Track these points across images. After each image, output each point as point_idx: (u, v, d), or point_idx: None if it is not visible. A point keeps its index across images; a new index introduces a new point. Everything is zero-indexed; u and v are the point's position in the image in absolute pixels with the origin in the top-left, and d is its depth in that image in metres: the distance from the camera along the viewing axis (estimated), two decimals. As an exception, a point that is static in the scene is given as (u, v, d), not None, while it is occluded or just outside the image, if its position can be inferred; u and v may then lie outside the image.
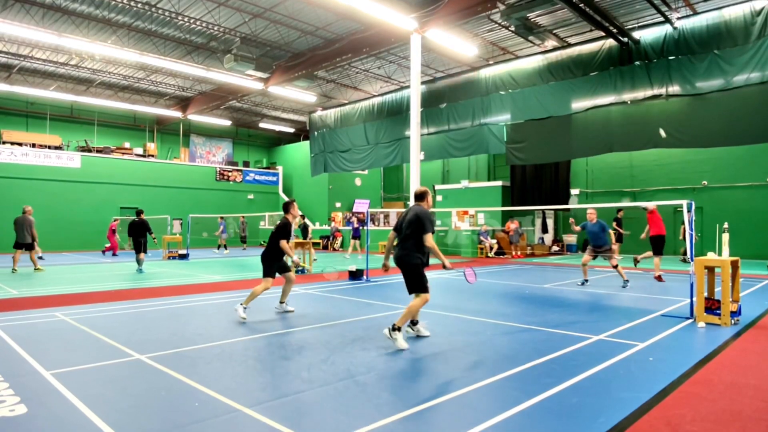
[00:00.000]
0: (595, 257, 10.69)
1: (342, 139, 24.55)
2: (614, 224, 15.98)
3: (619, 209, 17.08)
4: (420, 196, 5.72)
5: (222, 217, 23.89)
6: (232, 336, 5.90)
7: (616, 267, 10.24)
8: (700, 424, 3.33)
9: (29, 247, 13.62)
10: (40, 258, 16.88)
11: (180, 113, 27.93)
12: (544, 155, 18.19)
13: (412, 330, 5.92)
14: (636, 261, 13.12)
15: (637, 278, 12.05)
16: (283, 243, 7.04)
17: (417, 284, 5.45)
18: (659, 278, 11.29)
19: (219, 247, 23.20)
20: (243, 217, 25.54)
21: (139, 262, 13.71)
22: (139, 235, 13.65)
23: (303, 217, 19.49)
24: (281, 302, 7.60)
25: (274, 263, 7.22)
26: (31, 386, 4.04)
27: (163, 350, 5.20)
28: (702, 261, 6.82)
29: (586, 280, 10.97)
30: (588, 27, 15.75)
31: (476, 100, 18.96)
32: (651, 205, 11.17)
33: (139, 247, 13.62)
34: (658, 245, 11.27)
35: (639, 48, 15.01)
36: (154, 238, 14.21)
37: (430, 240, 5.33)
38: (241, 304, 6.89)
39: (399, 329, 5.32)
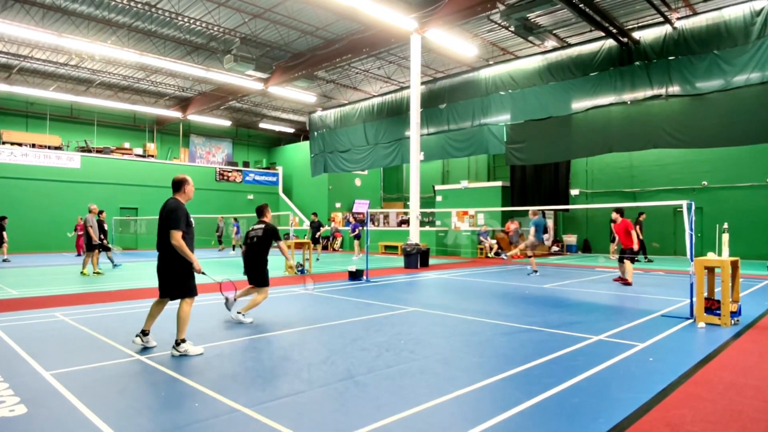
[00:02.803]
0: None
1: (342, 139, 24.55)
2: (637, 228, 15.94)
3: (640, 212, 16.88)
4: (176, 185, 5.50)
5: (236, 218, 23.80)
6: (231, 336, 5.90)
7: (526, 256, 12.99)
8: (700, 424, 3.33)
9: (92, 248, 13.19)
10: (6, 261, 16.69)
11: (180, 113, 27.94)
12: (544, 155, 18.19)
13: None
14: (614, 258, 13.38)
15: (638, 277, 12.05)
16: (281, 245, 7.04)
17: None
18: (624, 281, 10.96)
19: (234, 247, 23.05)
20: (221, 217, 25.63)
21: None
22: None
23: (315, 215, 19.52)
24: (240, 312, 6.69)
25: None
26: (31, 386, 4.03)
27: (162, 350, 5.20)
28: (702, 261, 6.82)
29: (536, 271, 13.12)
30: (588, 27, 15.76)
31: (476, 100, 18.97)
32: (616, 215, 11.06)
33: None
34: (626, 254, 10.93)
35: (639, 48, 15.02)
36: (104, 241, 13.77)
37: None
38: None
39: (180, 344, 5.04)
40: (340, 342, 5.63)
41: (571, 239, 22.92)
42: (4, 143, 23.29)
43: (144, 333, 5.35)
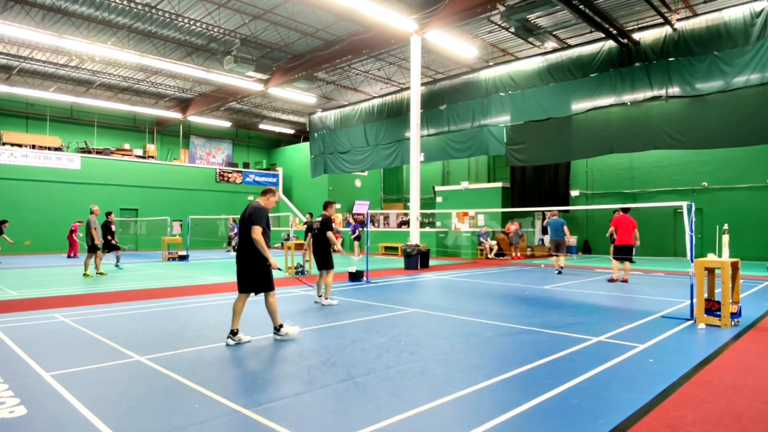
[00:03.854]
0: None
1: (342, 140, 24.56)
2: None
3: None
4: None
5: (234, 219, 23.64)
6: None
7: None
8: (700, 425, 3.33)
9: (106, 248, 13.36)
10: None
11: (180, 114, 27.95)
12: (544, 157, 18.20)
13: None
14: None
15: (638, 278, 12.05)
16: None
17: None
18: (623, 280, 11.37)
19: (234, 248, 22.91)
20: (233, 218, 25.58)
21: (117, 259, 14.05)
22: (106, 234, 13.53)
23: (310, 215, 19.43)
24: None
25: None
26: (31, 388, 4.03)
27: (162, 352, 5.19)
28: (702, 262, 6.82)
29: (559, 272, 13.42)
30: (588, 28, 15.77)
31: (476, 101, 18.98)
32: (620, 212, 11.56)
33: (107, 246, 13.48)
34: (621, 252, 11.22)
35: (639, 49, 15.03)
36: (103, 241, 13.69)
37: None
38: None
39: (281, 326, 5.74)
40: (340, 343, 5.63)
41: (571, 240, 22.90)
42: (4, 144, 23.29)
43: (234, 333, 5.54)
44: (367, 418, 3.43)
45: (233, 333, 5.52)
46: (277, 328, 5.69)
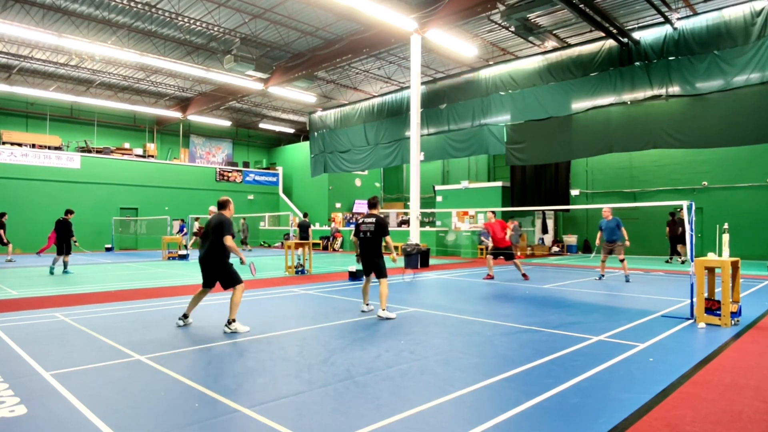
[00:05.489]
0: (610, 252, 11.82)
1: (342, 139, 24.54)
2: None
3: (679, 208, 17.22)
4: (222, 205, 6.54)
5: (183, 220, 23.31)
6: (231, 337, 5.89)
7: (622, 261, 11.46)
8: (700, 425, 3.33)
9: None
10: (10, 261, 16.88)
11: (180, 114, 27.94)
12: (544, 156, 18.19)
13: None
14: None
15: (637, 277, 12.05)
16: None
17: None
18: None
19: (185, 248, 22.27)
20: (244, 218, 25.56)
21: (64, 264, 13.35)
22: (64, 235, 13.19)
23: (306, 215, 19.35)
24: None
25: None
26: (31, 387, 4.04)
27: (162, 351, 5.20)
28: (702, 261, 6.82)
29: (603, 276, 11.97)
30: (588, 27, 15.76)
31: (476, 100, 18.95)
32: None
33: (62, 248, 13.16)
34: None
35: (639, 48, 15.01)
36: (75, 242, 13.67)
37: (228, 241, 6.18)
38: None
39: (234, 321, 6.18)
40: (340, 342, 5.63)
41: (571, 239, 22.92)
42: (4, 143, 23.29)
43: (185, 316, 6.56)
44: (367, 417, 3.43)
45: (185, 316, 6.55)
46: (230, 321, 6.15)
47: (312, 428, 3.26)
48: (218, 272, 6.34)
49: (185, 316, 6.55)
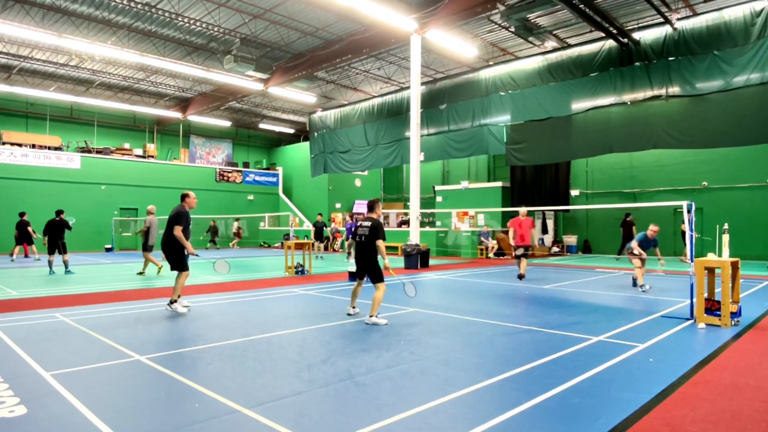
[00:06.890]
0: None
1: (342, 139, 24.55)
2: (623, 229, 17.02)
3: (627, 213, 17.68)
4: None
5: (214, 221, 23.64)
6: (231, 337, 5.89)
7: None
8: (700, 424, 3.33)
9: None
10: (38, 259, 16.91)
11: (180, 114, 27.94)
12: (544, 156, 18.20)
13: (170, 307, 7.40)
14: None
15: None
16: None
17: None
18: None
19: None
20: (213, 221, 25.74)
21: (65, 264, 13.25)
22: (57, 235, 13.03)
23: (320, 215, 19.50)
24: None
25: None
26: (31, 387, 4.03)
27: (162, 351, 5.20)
28: (702, 262, 6.82)
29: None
30: (588, 28, 15.76)
31: (476, 100, 18.96)
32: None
33: (56, 248, 12.99)
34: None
35: (639, 49, 15.02)
36: (36, 235, 13.49)
37: None
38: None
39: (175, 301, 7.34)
40: (340, 342, 5.63)
41: (571, 240, 22.91)
42: (4, 144, 23.28)
43: (172, 302, 7.44)
44: (367, 417, 3.43)
45: (172, 302, 7.35)
46: (172, 301, 7.26)
47: (312, 428, 3.26)
48: (168, 256, 7.37)
49: (173, 302, 7.42)
